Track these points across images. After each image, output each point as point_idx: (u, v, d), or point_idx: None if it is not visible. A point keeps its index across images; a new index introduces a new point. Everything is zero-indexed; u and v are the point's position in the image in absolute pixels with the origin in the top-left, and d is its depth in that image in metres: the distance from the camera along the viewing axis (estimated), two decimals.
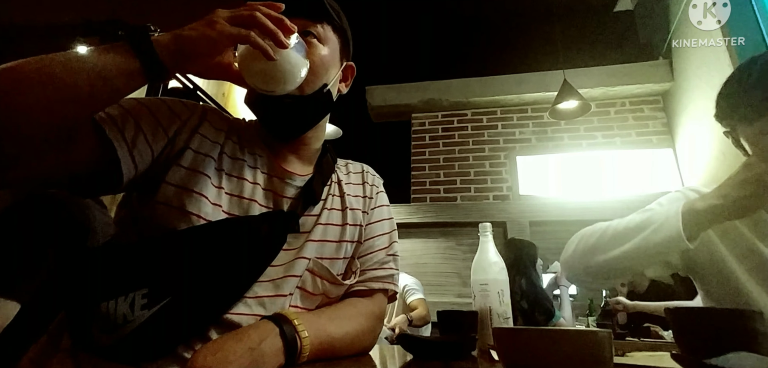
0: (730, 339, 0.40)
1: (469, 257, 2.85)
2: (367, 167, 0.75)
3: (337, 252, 0.61)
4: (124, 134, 0.49)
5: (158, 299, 0.46)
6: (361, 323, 0.59)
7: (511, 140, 3.42)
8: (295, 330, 0.48)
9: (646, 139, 3.21)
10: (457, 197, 3.34)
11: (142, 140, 0.50)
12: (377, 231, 0.68)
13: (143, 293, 0.46)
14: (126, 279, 0.47)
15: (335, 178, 0.68)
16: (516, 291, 2.12)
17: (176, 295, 0.47)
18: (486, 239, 0.74)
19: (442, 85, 3.50)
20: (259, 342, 0.44)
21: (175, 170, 0.52)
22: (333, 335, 0.53)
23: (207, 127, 0.58)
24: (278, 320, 0.48)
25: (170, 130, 0.54)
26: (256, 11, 0.48)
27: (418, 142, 3.56)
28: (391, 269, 0.68)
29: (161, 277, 0.47)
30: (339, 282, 0.59)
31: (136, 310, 0.45)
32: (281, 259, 0.55)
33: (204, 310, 0.48)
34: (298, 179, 0.62)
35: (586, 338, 0.38)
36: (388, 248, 0.69)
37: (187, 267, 0.48)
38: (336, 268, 0.60)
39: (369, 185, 0.71)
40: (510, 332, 0.47)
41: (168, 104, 0.56)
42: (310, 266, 0.57)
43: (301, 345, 0.47)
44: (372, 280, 0.64)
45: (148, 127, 0.52)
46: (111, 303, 0.45)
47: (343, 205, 0.65)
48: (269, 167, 0.60)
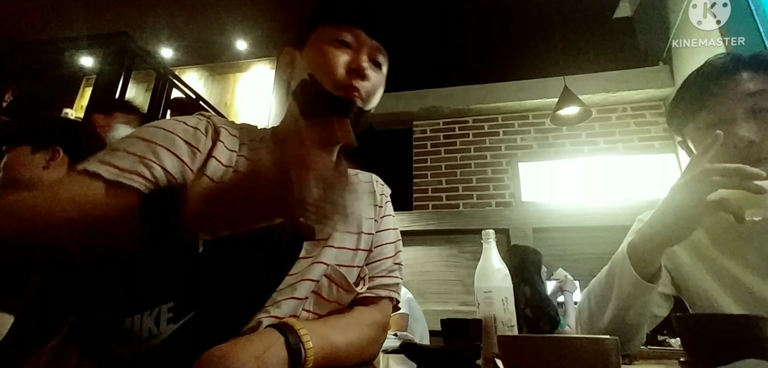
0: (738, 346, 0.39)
1: (472, 265, 2.83)
2: (376, 177, 0.76)
3: (353, 260, 0.62)
4: (158, 185, 0.48)
5: (184, 313, 0.46)
6: (365, 333, 0.59)
7: (513, 146, 3.42)
8: (300, 339, 0.47)
9: (648, 144, 3.20)
10: (460, 204, 3.33)
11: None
12: (385, 240, 0.69)
13: (169, 307, 0.45)
14: (152, 293, 0.46)
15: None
16: (520, 299, 2.09)
17: (201, 308, 0.46)
18: (489, 247, 0.73)
19: (442, 92, 3.51)
20: (263, 350, 0.44)
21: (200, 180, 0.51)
22: (337, 345, 0.53)
23: (220, 148, 0.56)
24: (283, 329, 0.48)
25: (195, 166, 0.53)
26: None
27: (419, 149, 3.57)
28: (397, 278, 0.68)
29: (188, 290, 0.47)
30: (353, 290, 0.59)
31: (161, 325, 0.45)
32: (297, 266, 0.55)
33: (227, 322, 0.48)
34: None
35: (594, 346, 0.37)
36: (395, 256, 0.69)
37: (212, 280, 0.48)
38: (351, 276, 0.60)
39: (378, 194, 0.72)
40: (515, 340, 0.46)
41: (182, 137, 0.53)
42: (328, 272, 0.57)
43: (305, 355, 0.47)
44: (380, 287, 0.65)
45: (175, 169, 0.51)
46: (136, 318, 0.44)
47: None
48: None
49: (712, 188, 0.53)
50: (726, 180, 0.52)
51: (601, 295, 0.67)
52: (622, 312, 0.63)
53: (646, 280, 0.60)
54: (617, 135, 3.28)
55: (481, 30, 3.66)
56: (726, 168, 0.53)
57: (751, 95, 0.63)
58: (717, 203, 0.53)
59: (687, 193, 0.55)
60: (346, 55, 0.58)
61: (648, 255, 0.60)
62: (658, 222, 0.59)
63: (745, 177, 0.51)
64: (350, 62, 0.57)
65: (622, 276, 0.63)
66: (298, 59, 0.61)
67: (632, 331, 0.66)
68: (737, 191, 0.52)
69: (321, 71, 0.56)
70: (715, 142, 0.56)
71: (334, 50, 0.57)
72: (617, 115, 3.33)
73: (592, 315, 0.70)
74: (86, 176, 0.46)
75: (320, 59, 0.57)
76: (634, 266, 0.60)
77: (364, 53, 0.58)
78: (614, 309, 0.64)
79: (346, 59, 0.57)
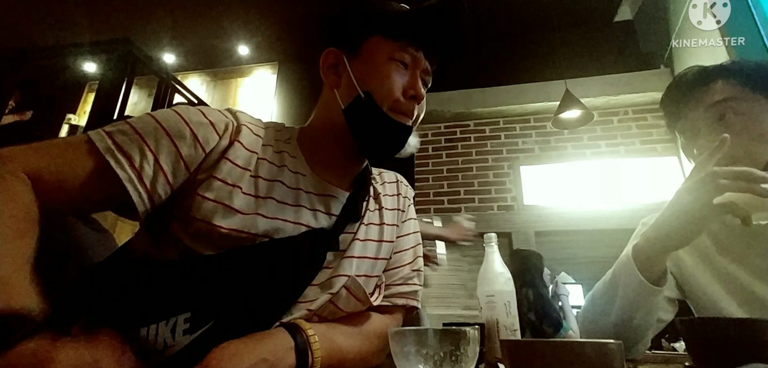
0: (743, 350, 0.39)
1: (474, 269, 2.82)
2: (401, 178, 0.73)
3: (372, 270, 0.60)
4: (141, 174, 0.45)
5: (201, 323, 0.45)
6: (374, 342, 0.58)
7: (515, 150, 3.42)
8: (308, 342, 0.47)
9: (650, 147, 3.19)
10: (462, 207, 3.33)
11: (161, 181, 0.47)
12: (404, 246, 0.67)
13: (186, 317, 0.44)
14: (168, 303, 0.45)
15: (372, 191, 0.66)
16: (523, 303, 2.08)
17: (219, 319, 0.45)
18: (491, 250, 0.73)
19: (443, 96, 3.51)
20: (272, 351, 0.44)
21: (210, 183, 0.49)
22: (344, 351, 0.53)
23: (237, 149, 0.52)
24: (292, 329, 0.47)
25: (193, 163, 0.49)
26: None
27: (421, 153, 3.56)
28: (415, 285, 0.66)
29: (206, 301, 0.46)
30: (368, 302, 0.57)
31: (177, 335, 0.44)
32: (319, 278, 0.54)
33: (244, 333, 0.46)
34: (341, 194, 0.59)
35: (598, 350, 0.37)
36: (413, 263, 0.67)
37: (231, 290, 0.47)
38: (369, 286, 0.59)
39: (402, 197, 0.70)
40: (518, 344, 0.46)
41: (193, 129, 0.49)
42: (347, 284, 0.55)
43: (313, 358, 0.47)
44: (395, 296, 0.63)
45: (168, 162, 0.47)
46: (151, 328, 0.43)
47: (381, 220, 0.64)
48: (311, 183, 0.57)
49: (719, 191, 0.53)
50: (733, 184, 0.52)
51: (606, 299, 0.67)
52: (627, 315, 0.63)
53: (651, 283, 0.60)
54: (619, 138, 3.27)
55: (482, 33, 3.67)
56: (733, 171, 0.52)
57: (715, 103, 0.65)
58: (723, 206, 0.53)
59: (693, 196, 0.55)
60: (404, 76, 0.56)
61: (653, 258, 0.60)
62: (663, 226, 0.59)
63: (752, 180, 0.51)
64: (408, 86, 0.55)
65: (627, 280, 0.62)
66: (346, 65, 0.57)
67: (637, 335, 0.65)
68: (744, 194, 0.52)
69: (378, 89, 0.54)
70: (721, 146, 0.56)
71: (392, 70, 0.55)
72: (619, 118, 3.32)
73: (596, 319, 0.69)
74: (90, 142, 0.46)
75: (378, 76, 0.54)
76: (639, 270, 0.60)
77: (419, 75, 0.57)
78: (619, 313, 0.64)
79: (403, 81, 0.55)
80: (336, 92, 0.58)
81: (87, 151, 0.45)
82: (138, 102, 4.04)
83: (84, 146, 0.45)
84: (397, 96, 0.55)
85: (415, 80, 0.56)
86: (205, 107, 0.54)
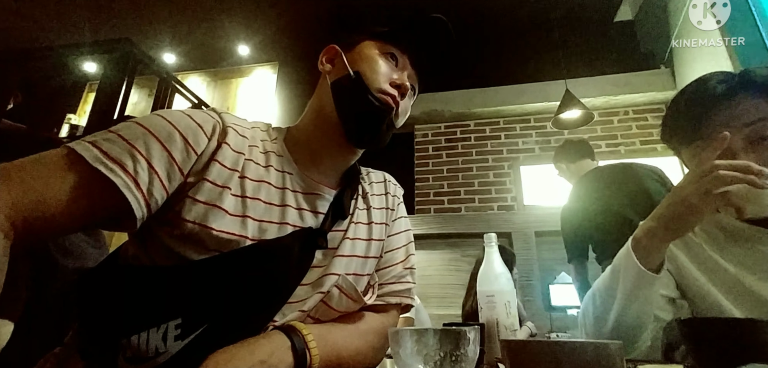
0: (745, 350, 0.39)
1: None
2: (389, 177, 0.74)
3: (363, 268, 0.60)
4: (137, 179, 0.44)
5: (192, 329, 0.44)
6: (370, 340, 0.58)
7: (515, 150, 3.42)
8: (306, 344, 0.47)
9: (650, 147, 3.19)
10: (462, 207, 3.33)
11: (157, 186, 0.45)
12: (396, 244, 0.67)
13: (177, 323, 0.44)
14: (159, 309, 0.44)
15: (360, 190, 0.66)
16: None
17: (210, 324, 0.45)
18: (491, 250, 0.73)
19: (444, 96, 3.51)
20: (270, 354, 0.44)
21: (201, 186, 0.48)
22: (341, 350, 0.53)
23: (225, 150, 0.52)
24: (289, 332, 0.47)
25: (186, 167, 0.48)
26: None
27: (421, 153, 3.57)
28: (408, 283, 0.67)
29: (197, 306, 0.45)
30: (361, 300, 0.58)
31: (169, 342, 0.44)
32: (309, 277, 0.54)
33: (235, 337, 0.46)
34: (328, 191, 0.60)
35: (598, 350, 0.37)
36: (405, 261, 0.67)
37: (221, 294, 0.46)
38: (360, 285, 0.59)
39: (391, 196, 0.71)
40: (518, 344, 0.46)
41: (182, 133, 0.48)
42: (338, 283, 0.55)
43: (311, 358, 0.47)
44: (389, 295, 0.64)
45: (161, 167, 0.46)
46: (142, 335, 0.43)
47: (369, 219, 0.64)
48: (298, 182, 0.58)
49: (719, 182, 0.54)
50: (733, 175, 0.53)
51: (606, 293, 0.67)
52: (626, 307, 0.64)
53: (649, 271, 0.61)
54: (619, 138, 3.27)
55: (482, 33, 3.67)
56: (733, 164, 0.54)
57: (751, 123, 0.63)
58: (722, 195, 0.54)
59: (694, 187, 0.56)
60: (393, 71, 0.60)
61: (651, 247, 0.61)
62: (663, 215, 0.60)
63: (751, 173, 0.52)
64: (396, 78, 0.59)
65: (626, 270, 0.63)
66: (342, 56, 0.61)
67: (636, 330, 0.66)
68: (741, 186, 0.53)
69: (367, 72, 0.58)
70: (722, 143, 0.57)
71: (383, 62, 0.60)
72: (619, 118, 3.33)
73: (596, 316, 0.70)
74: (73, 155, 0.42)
75: (368, 64, 0.59)
76: (638, 259, 0.61)
77: (406, 75, 0.61)
78: (619, 305, 0.64)
79: (392, 74, 0.60)
80: (327, 77, 0.61)
81: (68, 165, 0.42)
82: (138, 102, 4.05)
83: (63, 161, 0.42)
84: (384, 82, 0.58)
85: (403, 76, 0.61)
86: (189, 110, 0.53)
